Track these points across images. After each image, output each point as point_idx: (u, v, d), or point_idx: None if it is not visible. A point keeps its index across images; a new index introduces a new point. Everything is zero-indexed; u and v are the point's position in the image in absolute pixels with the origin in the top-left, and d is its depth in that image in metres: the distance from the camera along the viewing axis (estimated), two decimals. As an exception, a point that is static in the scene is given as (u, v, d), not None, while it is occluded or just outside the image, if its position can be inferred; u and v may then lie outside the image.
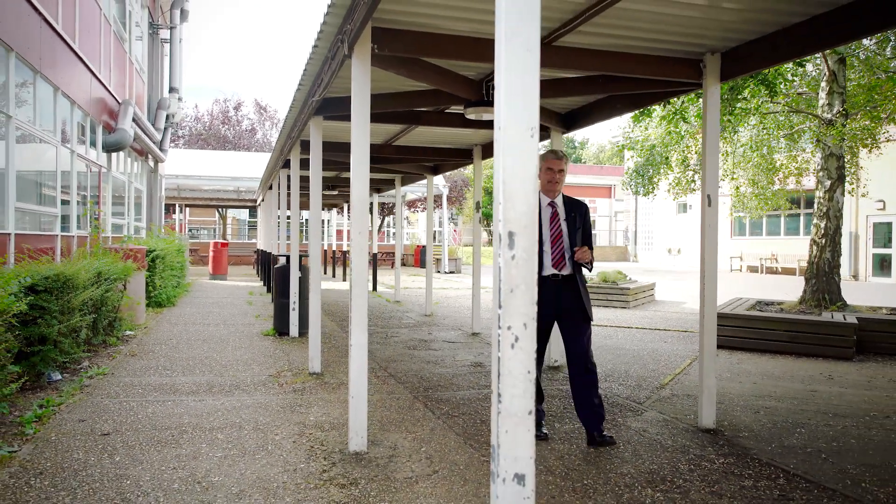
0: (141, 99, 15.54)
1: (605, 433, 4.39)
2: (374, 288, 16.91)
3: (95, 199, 11.17)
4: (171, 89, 17.23)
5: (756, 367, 7.17)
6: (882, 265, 23.55)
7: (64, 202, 9.52)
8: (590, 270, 4.43)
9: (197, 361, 6.89)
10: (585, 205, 4.55)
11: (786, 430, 4.77)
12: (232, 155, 33.39)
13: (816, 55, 9.24)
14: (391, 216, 35.27)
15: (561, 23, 4.26)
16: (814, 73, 10.89)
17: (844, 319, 7.91)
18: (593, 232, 4.66)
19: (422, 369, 6.78)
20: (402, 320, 10.81)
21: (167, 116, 16.57)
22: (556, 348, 7.12)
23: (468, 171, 39.62)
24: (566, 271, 4.31)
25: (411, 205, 35.48)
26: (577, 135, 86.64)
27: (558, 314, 4.33)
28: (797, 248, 26.12)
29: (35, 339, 5.35)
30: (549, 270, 4.29)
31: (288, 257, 9.01)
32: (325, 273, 23.94)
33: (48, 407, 4.85)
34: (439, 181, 28.12)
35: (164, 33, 17.47)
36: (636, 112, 8.18)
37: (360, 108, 4.07)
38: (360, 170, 4.12)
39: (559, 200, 4.40)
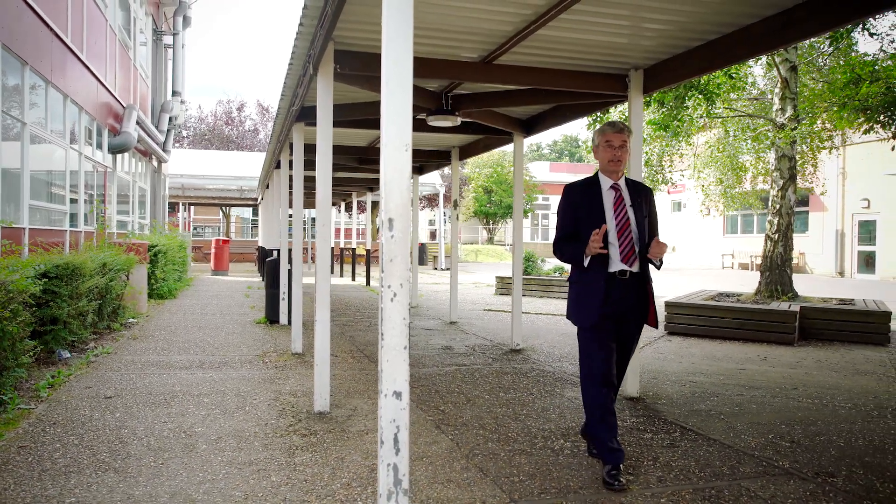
0: (145, 102, 16.31)
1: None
2: (368, 283, 17.63)
3: (101, 197, 11.94)
4: (174, 93, 18.01)
5: (702, 350, 7.85)
6: (867, 262, 24.11)
7: (72, 200, 10.28)
8: (658, 268, 3.64)
9: (192, 344, 7.62)
10: (650, 189, 3.84)
11: (700, 399, 5.46)
12: (235, 155, 34.21)
13: (774, 63, 9.91)
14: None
15: (497, 45, 4.97)
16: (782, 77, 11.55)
17: (789, 308, 8.58)
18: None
19: (395, 351, 7.48)
20: (388, 311, 11.52)
21: (170, 119, 17.35)
22: (519, 332, 7.80)
23: (466, 170, 40.33)
24: (636, 268, 3.55)
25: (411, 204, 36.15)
26: (582, 134, 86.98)
27: (621, 318, 3.60)
28: (786, 246, 26.76)
29: (48, 320, 6.10)
30: (617, 266, 3.51)
31: (279, 251, 9.74)
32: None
33: (59, 377, 5.60)
34: (436, 180, 28.82)
35: (168, 39, 18.24)
36: (590, 120, 8.89)
37: (324, 120, 4.79)
38: (324, 172, 4.83)
39: (622, 183, 3.65)
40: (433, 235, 40.41)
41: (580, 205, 3.62)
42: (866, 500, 3.32)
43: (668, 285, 17.84)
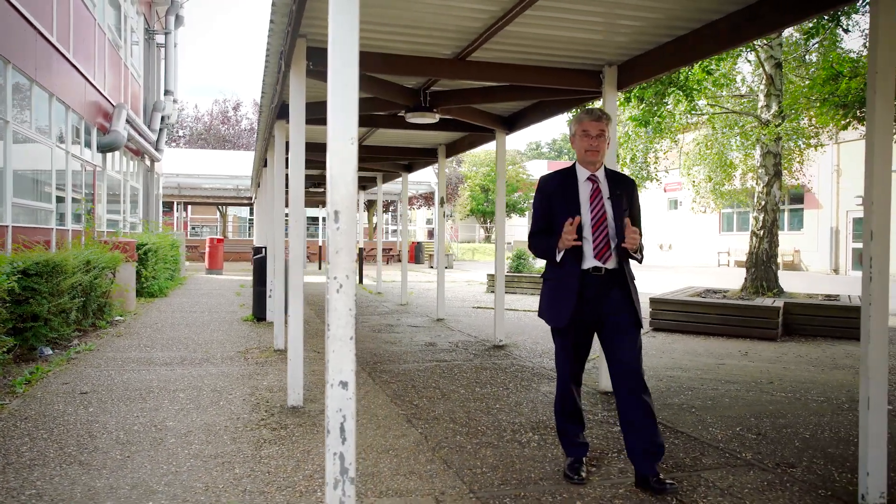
0: (136, 101, 16.33)
1: (664, 478, 3.30)
2: (361, 281, 17.67)
3: (90, 196, 11.96)
4: (167, 92, 18.03)
5: (684, 346, 7.88)
6: (861, 259, 24.11)
7: (60, 199, 10.31)
8: (640, 262, 3.42)
9: (176, 341, 7.65)
10: (633, 181, 3.61)
11: (675, 393, 5.48)
12: (231, 154, 34.24)
13: (760, 62, 9.93)
14: (386, 213, 35.98)
15: (468, 42, 4.99)
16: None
17: (772, 304, 8.61)
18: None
19: (378, 348, 7.51)
20: (378, 308, 11.55)
21: (162, 118, 17.38)
22: (502, 329, 7.82)
23: (463, 168, 40.35)
24: (612, 264, 3.34)
25: (408, 202, 36.14)
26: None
27: (600, 319, 3.40)
28: (782, 244, 26.75)
29: (28, 317, 6.13)
30: (590, 263, 3.33)
31: (265, 248, 9.77)
32: (320, 269, 24.70)
33: (37, 373, 5.62)
34: (431, 178, 28.84)
35: (160, 38, 18.26)
36: (571, 116, 8.89)
37: (297, 117, 4.81)
38: (297, 168, 4.86)
39: (601, 174, 3.44)
40: (431, 234, 40.44)
41: (555, 197, 3.43)
42: (822, 489, 3.35)
43: (661, 282, 17.89)
